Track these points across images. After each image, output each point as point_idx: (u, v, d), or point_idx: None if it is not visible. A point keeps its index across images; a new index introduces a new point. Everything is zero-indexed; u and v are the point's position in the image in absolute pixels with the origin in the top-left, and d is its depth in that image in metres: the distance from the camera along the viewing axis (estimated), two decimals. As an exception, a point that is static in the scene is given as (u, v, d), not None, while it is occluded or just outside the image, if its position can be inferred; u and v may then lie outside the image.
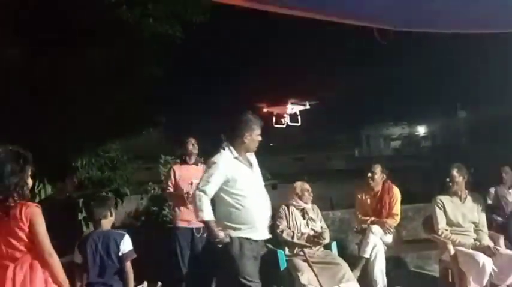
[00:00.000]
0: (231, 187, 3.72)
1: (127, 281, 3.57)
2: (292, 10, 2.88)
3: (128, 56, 8.18)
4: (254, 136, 3.84)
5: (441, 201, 4.88)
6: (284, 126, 6.77)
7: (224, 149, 3.82)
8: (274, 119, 6.97)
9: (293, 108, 7.07)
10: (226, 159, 3.77)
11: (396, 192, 5.42)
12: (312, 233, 4.83)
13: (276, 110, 6.92)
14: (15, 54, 6.10)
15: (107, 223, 3.75)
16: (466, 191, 4.92)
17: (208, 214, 3.61)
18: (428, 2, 2.99)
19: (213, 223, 3.62)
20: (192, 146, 5.46)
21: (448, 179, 4.90)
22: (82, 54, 6.97)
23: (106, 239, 3.58)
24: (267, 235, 3.98)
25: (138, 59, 8.64)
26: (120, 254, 3.55)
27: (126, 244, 3.59)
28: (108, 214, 3.77)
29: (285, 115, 6.96)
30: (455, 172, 4.88)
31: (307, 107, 7.16)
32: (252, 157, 4.02)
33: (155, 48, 8.77)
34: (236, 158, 3.79)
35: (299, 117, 7.01)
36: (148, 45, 8.66)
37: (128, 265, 3.58)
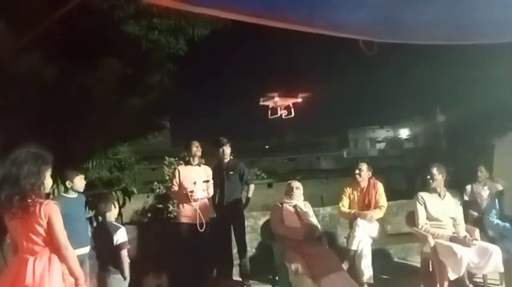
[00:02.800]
0: None
1: (122, 267, 3.69)
2: (284, 23, 2.88)
3: (136, 66, 8.19)
4: None
5: (422, 197, 4.89)
6: (278, 116, 6.82)
7: None
8: (269, 111, 6.99)
9: (287, 100, 7.14)
10: None
11: (380, 187, 5.48)
12: (305, 227, 4.83)
13: (271, 103, 6.97)
14: (44, 68, 6.12)
15: (111, 215, 3.91)
16: (445, 188, 4.94)
17: None
18: (411, 14, 3.00)
19: None
20: (196, 148, 5.47)
21: (428, 177, 4.92)
22: (95, 66, 6.99)
23: (105, 231, 3.78)
24: None
25: (145, 69, 8.65)
26: (114, 244, 3.69)
27: (120, 236, 3.72)
28: (112, 206, 3.93)
29: (280, 107, 7.01)
30: (435, 171, 4.90)
31: (299, 100, 7.20)
32: None
33: (161, 59, 8.78)
34: None
35: (292, 109, 7.07)
36: (154, 56, 8.66)
37: (123, 253, 3.70)
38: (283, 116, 6.34)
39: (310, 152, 52.63)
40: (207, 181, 5.26)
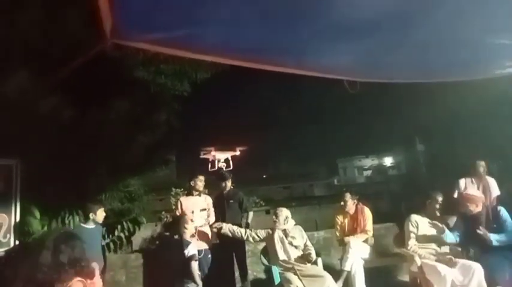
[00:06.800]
0: None
1: (193, 276, 3.94)
2: (276, 67, 2.96)
3: (145, 107, 8.29)
4: None
5: (416, 221, 4.87)
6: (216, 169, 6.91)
7: None
8: (209, 165, 7.06)
9: (225, 154, 7.20)
10: None
11: (367, 212, 5.45)
12: (295, 250, 4.73)
13: (211, 157, 7.07)
14: (62, 111, 6.20)
15: (187, 233, 4.36)
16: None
17: None
18: (389, 57, 3.08)
19: None
20: (201, 182, 5.49)
21: (429, 201, 4.90)
22: (108, 108, 7.10)
23: (178, 245, 4.14)
24: None
25: (153, 109, 8.76)
26: (186, 256, 3.97)
27: (191, 249, 4.02)
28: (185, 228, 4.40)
29: (218, 161, 7.08)
30: (438, 196, 4.90)
31: (237, 153, 7.29)
32: None
33: (167, 100, 8.91)
34: None
35: (231, 162, 7.14)
36: (161, 98, 8.79)
37: (193, 264, 3.97)
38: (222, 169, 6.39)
39: (304, 180, 52.43)
40: (204, 210, 5.23)
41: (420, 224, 4.82)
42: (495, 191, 5.91)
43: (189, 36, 2.42)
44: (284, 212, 4.93)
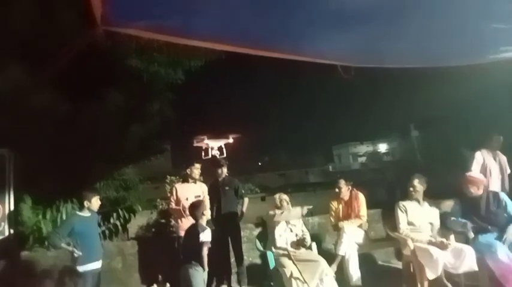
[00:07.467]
0: None
1: (202, 261, 4.00)
2: (269, 52, 2.94)
3: (138, 96, 8.25)
4: None
5: (404, 206, 4.92)
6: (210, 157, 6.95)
7: None
8: (203, 153, 7.07)
9: (219, 142, 7.21)
10: None
11: (361, 197, 5.49)
12: (294, 236, 4.80)
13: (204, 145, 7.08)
14: (56, 102, 6.17)
15: (204, 219, 4.39)
16: (424, 197, 4.97)
17: None
18: (383, 42, 3.08)
19: None
20: (197, 170, 5.51)
21: (411, 189, 4.95)
22: (102, 98, 7.06)
23: (195, 231, 4.13)
24: None
25: (147, 98, 8.72)
26: (200, 241, 4.01)
27: (205, 235, 4.06)
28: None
29: (212, 149, 7.10)
30: (416, 182, 4.94)
31: (231, 141, 7.31)
32: None
33: (161, 88, 8.86)
34: None
35: (224, 150, 7.16)
36: (155, 87, 8.74)
37: (204, 249, 3.99)
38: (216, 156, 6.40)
39: (299, 167, 52.68)
40: (199, 197, 5.26)
41: (409, 209, 4.88)
42: (508, 168, 5.68)
43: (182, 22, 2.40)
44: (288, 199, 5.02)
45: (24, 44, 5.63)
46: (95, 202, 4.49)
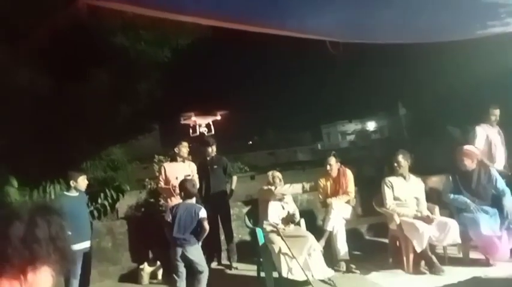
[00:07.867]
0: None
1: (202, 234, 4.12)
2: (258, 28, 2.90)
3: (125, 75, 8.09)
4: None
5: (390, 181, 5.00)
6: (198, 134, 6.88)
7: None
8: (190, 130, 6.98)
9: (206, 119, 7.12)
10: None
11: (349, 174, 5.54)
12: (285, 213, 4.87)
13: (191, 122, 6.96)
14: (39, 80, 6.01)
15: (194, 198, 4.37)
16: (409, 172, 5.05)
17: None
18: (371, 17, 3.05)
19: None
20: (185, 148, 5.48)
21: (395, 164, 5.01)
22: (89, 76, 6.91)
23: (191, 209, 4.20)
24: None
25: (133, 76, 8.56)
26: (199, 217, 4.12)
27: (203, 213, 4.15)
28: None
29: (199, 126, 7.00)
30: (400, 158, 5.01)
31: (218, 117, 7.22)
32: None
33: (147, 67, 8.69)
34: None
35: (212, 127, 7.08)
36: (141, 65, 8.57)
37: (205, 223, 4.10)
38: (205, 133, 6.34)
39: (288, 146, 52.92)
40: (189, 176, 5.26)
41: (395, 184, 4.97)
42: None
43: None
44: (280, 176, 5.05)
45: (1, 20, 5.42)
46: (82, 181, 4.46)
